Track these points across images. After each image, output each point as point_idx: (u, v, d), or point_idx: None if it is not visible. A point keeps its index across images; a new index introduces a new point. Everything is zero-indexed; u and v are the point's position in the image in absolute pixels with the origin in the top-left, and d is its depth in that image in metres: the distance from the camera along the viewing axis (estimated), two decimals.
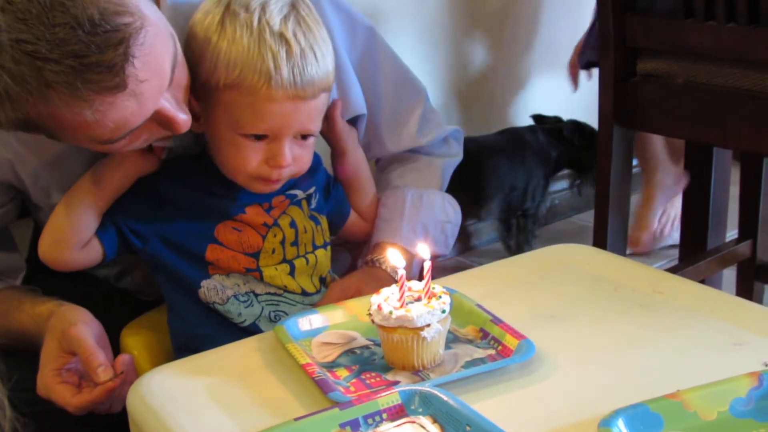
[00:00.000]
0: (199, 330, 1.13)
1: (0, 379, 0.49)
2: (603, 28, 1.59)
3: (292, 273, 1.15)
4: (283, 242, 1.14)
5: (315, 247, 1.18)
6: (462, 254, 2.64)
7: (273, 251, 1.14)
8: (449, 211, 1.37)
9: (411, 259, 1.24)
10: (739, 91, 1.45)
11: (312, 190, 1.19)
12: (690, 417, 0.77)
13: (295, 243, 1.16)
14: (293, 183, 1.16)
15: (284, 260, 1.15)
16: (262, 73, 1.02)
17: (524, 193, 2.40)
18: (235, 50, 1.02)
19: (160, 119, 0.98)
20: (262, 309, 1.14)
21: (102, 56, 0.84)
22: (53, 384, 1.03)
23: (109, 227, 1.10)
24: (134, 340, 1.21)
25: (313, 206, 1.19)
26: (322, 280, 1.20)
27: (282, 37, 1.02)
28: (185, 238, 1.11)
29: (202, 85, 1.05)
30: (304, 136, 1.09)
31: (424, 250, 0.95)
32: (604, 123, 1.65)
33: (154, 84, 0.92)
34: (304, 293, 1.16)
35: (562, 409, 0.84)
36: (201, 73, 1.05)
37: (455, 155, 1.42)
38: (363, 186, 1.29)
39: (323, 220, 1.21)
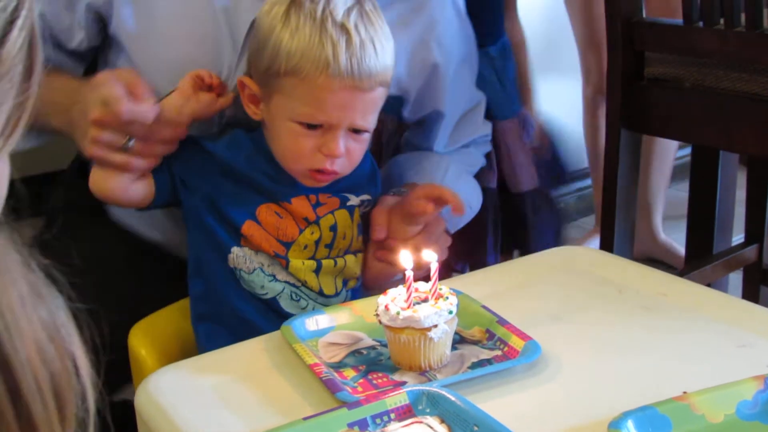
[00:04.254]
0: (223, 291, 1.14)
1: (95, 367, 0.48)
2: (611, 31, 1.59)
3: (317, 271, 1.15)
4: (317, 242, 1.15)
5: (347, 253, 1.18)
6: None
7: (305, 247, 1.14)
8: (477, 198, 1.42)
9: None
10: (746, 95, 1.45)
11: (367, 197, 1.19)
12: (697, 419, 0.78)
13: (329, 246, 1.16)
14: (348, 186, 1.16)
15: (313, 257, 1.15)
16: (320, 61, 1.04)
17: None
18: (297, 39, 1.05)
19: None
20: (284, 288, 1.14)
21: None
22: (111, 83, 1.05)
23: (164, 171, 1.12)
24: (142, 339, 1.21)
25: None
26: (345, 283, 1.19)
27: (343, 27, 1.05)
28: (227, 205, 1.13)
29: (264, 71, 1.08)
30: (358, 131, 1.10)
31: (429, 255, 0.96)
32: (611, 126, 1.65)
33: None
34: (320, 293, 1.16)
35: (569, 411, 0.84)
36: (263, 60, 1.08)
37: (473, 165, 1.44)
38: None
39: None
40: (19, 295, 0.44)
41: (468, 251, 1.68)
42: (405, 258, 0.95)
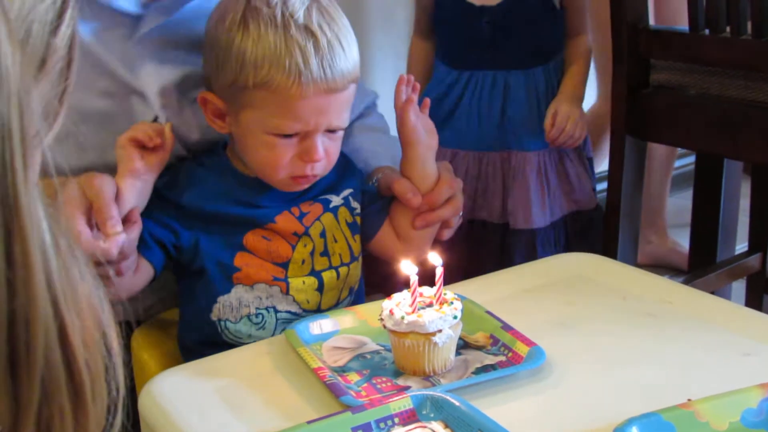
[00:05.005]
0: (210, 340, 1.11)
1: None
2: (617, 38, 1.59)
3: (320, 288, 1.13)
4: (312, 253, 1.12)
5: (352, 259, 1.15)
6: None
7: (302, 262, 1.11)
8: None
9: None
10: (752, 103, 1.45)
11: (347, 192, 1.16)
12: (702, 427, 0.77)
13: (324, 253, 1.13)
14: (325, 187, 1.14)
15: (313, 272, 1.12)
16: (291, 70, 1.00)
17: None
18: (261, 48, 1.00)
19: None
20: (275, 329, 1.11)
21: None
22: (74, 217, 0.98)
23: (151, 244, 1.07)
24: (145, 342, 1.21)
25: (357, 212, 1.16)
26: (351, 290, 1.17)
27: (307, 30, 1.01)
28: (214, 246, 1.09)
29: (229, 85, 1.04)
30: (333, 130, 1.07)
31: (434, 258, 0.96)
32: (616, 133, 1.65)
33: None
34: (318, 310, 1.13)
35: (573, 417, 0.84)
36: (227, 74, 1.03)
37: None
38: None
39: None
40: (79, 270, 0.46)
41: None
42: (407, 266, 0.95)
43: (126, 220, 1.01)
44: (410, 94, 1.13)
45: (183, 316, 1.16)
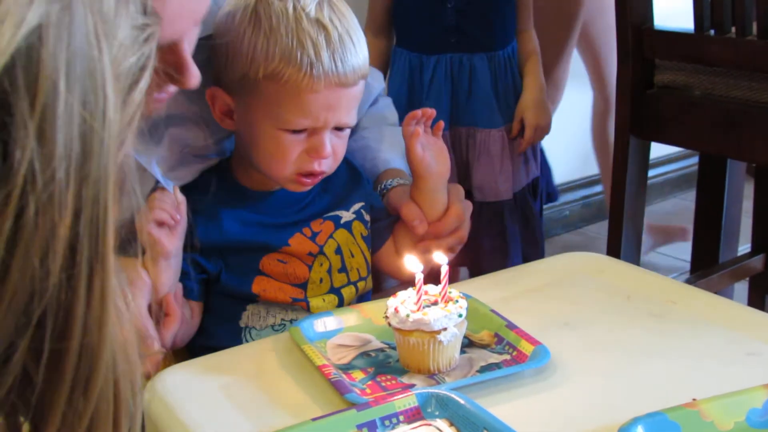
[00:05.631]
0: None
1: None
2: (622, 39, 1.60)
3: (340, 305, 1.13)
4: (329, 271, 1.12)
5: (368, 272, 1.15)
6: None
7: (321, 281, 1.11)
8: None
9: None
10: (756, 104, 1.45)
11: (359, 206, 1.15)
12: (707, 427, 0.77)
13: (342, 270, 1.13)
14: (333, 203, 1.13)
15: (332, 289, 1.12)
16: (302, 63, 1.00)
17: None
18: (273, 40, 1.01)
19: (173, 61, 0.85)
20: None
21: None
22: None
23: (191, 285, 1.08)
24: None
25: (369, 224, 1.16)
26: (360, 298, 1.17)
27: (319, 23, 1.01)
28: (231, 275, 1.10)
29: (239, 79, 1.04)
30: (341, 128, 1.07)
31: (439, 257, 0.96)
32: (620, 133, 1.65)
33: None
34: None
35: (577, 416, 0.84)
36: (237, 67, 1.03)
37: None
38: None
39: None
40: (128, 307, 0.49)
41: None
42: (412, 262, 0.95)
43: (165, 313, 1.01)
44: (416, 128, 1.11)
45: (204, 329, 1.14)
